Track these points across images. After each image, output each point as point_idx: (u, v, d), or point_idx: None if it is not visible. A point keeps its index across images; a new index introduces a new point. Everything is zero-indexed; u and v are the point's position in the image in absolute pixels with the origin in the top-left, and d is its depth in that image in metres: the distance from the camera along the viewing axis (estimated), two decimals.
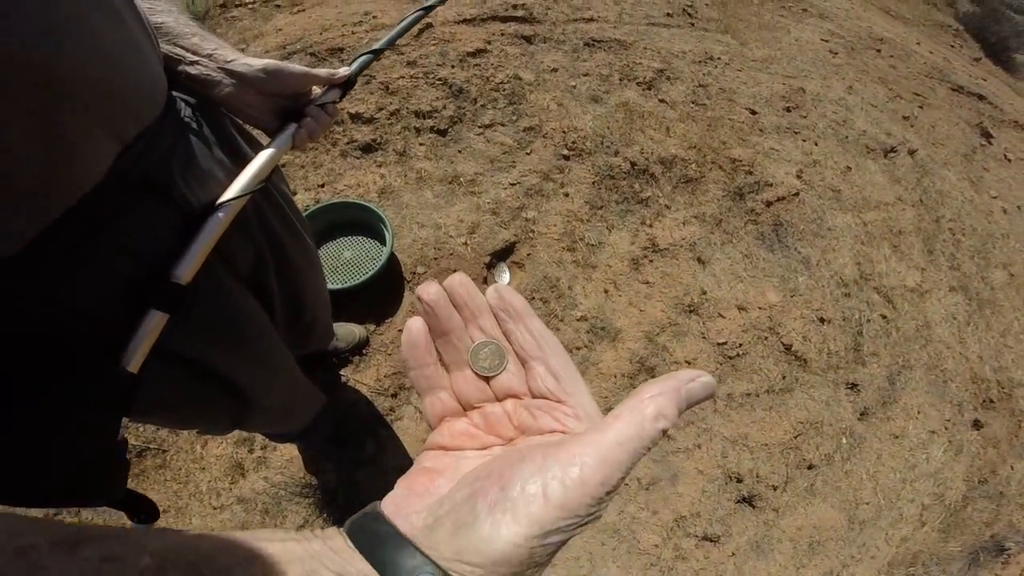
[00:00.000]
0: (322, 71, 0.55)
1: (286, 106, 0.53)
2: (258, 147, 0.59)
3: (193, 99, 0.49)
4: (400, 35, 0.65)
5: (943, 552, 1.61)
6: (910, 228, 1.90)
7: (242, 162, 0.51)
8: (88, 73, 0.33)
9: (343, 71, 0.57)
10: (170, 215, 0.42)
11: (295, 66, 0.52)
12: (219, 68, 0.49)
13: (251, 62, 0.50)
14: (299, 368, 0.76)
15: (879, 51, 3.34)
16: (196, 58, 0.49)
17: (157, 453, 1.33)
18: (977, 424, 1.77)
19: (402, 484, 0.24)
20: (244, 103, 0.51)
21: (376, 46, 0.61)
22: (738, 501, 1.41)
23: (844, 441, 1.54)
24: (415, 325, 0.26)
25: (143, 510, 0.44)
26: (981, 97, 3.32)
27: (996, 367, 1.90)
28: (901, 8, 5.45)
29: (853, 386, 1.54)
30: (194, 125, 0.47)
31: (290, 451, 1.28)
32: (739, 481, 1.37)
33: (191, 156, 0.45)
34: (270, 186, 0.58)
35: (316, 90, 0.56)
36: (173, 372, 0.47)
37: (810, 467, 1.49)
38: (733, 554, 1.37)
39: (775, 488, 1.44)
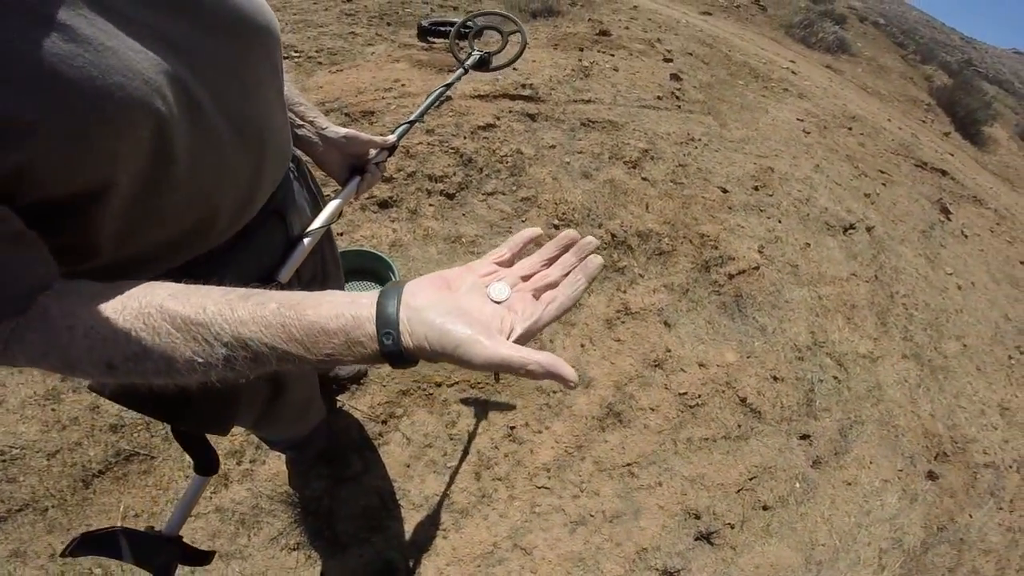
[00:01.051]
0: (379, 138, 0.76)
1: (352, 163, 0.75)
2: (321, 191, 0.82)
3: (296, 153, 0.70)
4: (430, 107, 0.88)
5: None
6: (864, 303, 2.13)
7: (317, 202, 0.74)
8: (275, 137, 0.54)
9: (391, 138, 0.78)
10: (282, 235, 0.63)
11: (365, 135, 0.74)
12: (316, 132, 0.70)
13: (337, 130, 0.71)
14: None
15: (850, 129, 3.69)
16: (302, 123, 0.69)
17: (145, 459, 1.43)
18: (932, 475, 1.91)
19: (430, 277, 0.37)
20: (328, 159, 0.72)
21: (412, 117, 0.84)
22: (697, 538, 1.53)
23: (798, 485, 1.69)
24: (530, 232, 0.42)
25: (212, 460, 0.62)
26: (944, 172, 3.63)
27: (949, 424, 2.07)
28: (878, 84, 5.94)
29: (805, 436, 1.72)
30: (295, 172, 0.69)
31: (277, 466, 1.42)
32: (697, 518, 1.52)
33: (294, 196, 0.66)
34: None
35: (371, 152, 0.77)
36: None
37: (765, 508, 1.62)
38: None
39: (732, 527, 1.57)
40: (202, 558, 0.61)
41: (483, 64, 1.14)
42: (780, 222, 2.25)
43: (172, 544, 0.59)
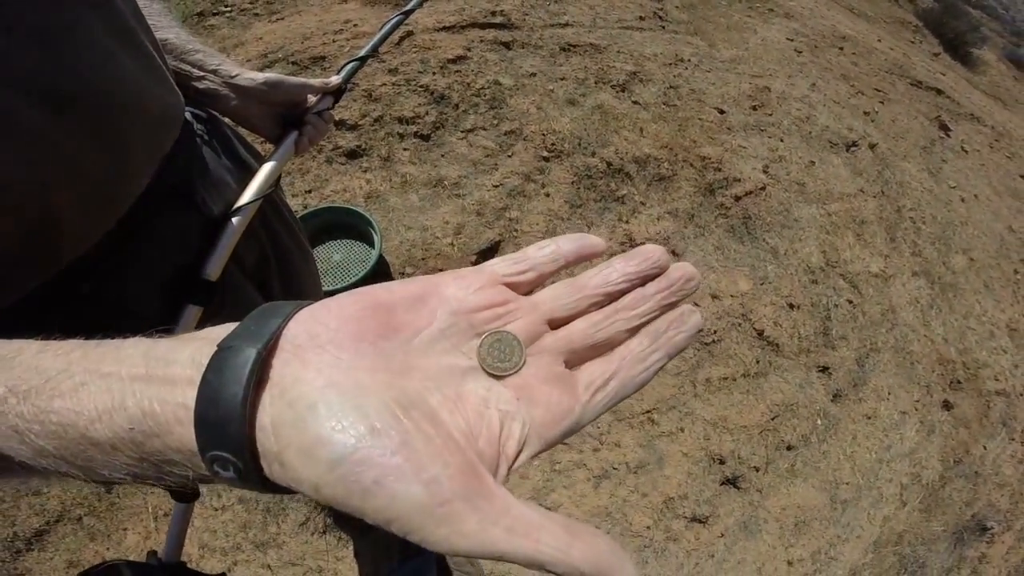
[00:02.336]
0: (316, 80, 0.61)
1: (286, 115, 0.59)
2: (257, 154, 0.66)
3: (203, 112, 0.56)
4: (383, 41, 0.72)
5: (927, 532, 1.70)
6: (872, 218, 2.04)
7: (247, 168, 0.58)
8: (132, 100, 0.40)
9: (335, 79, 0.63)
10: (193, 220, 0.49)
11: (293, 78, 0.59)
12: (224, 83, 0.54)
13: (253, 76, 0.56)
14: None
15: (842, 49, 3.53)
16: (202, 74, 0.54)
17: None
18: (947, 405, 1.89)
19: (356, 301, 0.18)
20: (248, 114, 0.57)
21: (361, 53, 0.68)
22: (723, 483, 1.50)
23: (819, 422, 1.65)
24: (588, 243, 0.23)
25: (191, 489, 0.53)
26: (939, 91, 3.52)
27: (960, 348, 2.04)
28: (864, 6, 5.72)
29: (824, 369, 1.65)
30: (205, 136, 0.54)
31: None
32: (722, 463, 1.47)
33: (205, 165, 0.51)
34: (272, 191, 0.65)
35: (311, 98, 0.61)
36: None
37: (789, 448, 1.59)
38: (722, 535, 1.45)
39: (757, 469, 1.53)
40: None
41: None
42: (782, 141, 2.11)
43: (176, 571, 0.53)
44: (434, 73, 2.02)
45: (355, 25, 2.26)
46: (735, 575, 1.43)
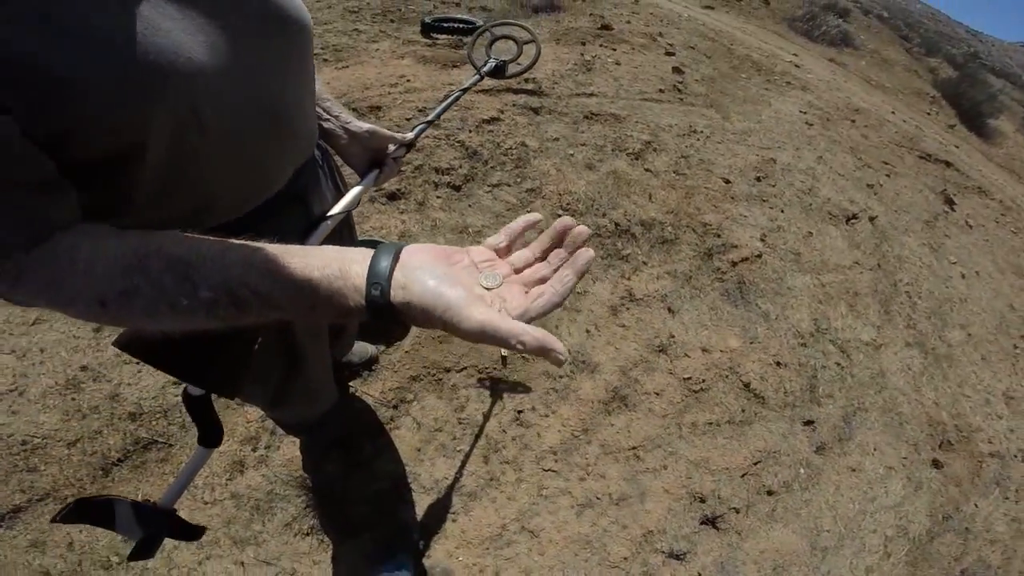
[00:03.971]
0: (398, 135, 0.85)
1: (373, 156, 0.82)
2: (345, 182, 0.89)
3: (321, 143, 0.77)
4: (446, 110, 0.96)
5: None
6: (867, 290, 2.19)
7: (339, 189, 0.81)
8: (303, 125, 0.61)
9: (409, 136, 0.87)
10: (301, 220, 0.69)
11: (385, 130, 0.82)
12: (341, 126, 0.78)
13: (360, 124, 0.79)
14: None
15: (853, 121, 3.75)
16: (328, 117, 0.77)
17: (163, 447, 1.48)
18: (937, 464, 1.95)
19: (429, 246, 0.39)
20: (350, 152, 0.80)
21: (430, 117, 0.93)
22: (703, 522, 1.57)
23: (802, 471, 1.74)
24: (530, 218, 0.44)
25: (217, 433, 0.63)
26: (948, 164, 3.68)
27: (954, 413, 2.11)
28: (882, 77, 5.99)
29: (809, 422, 1.77)
30: (320, 161, 0.76)
31: (292, 451, 1.48)
32: (703, 501, 1.57)
33: (317, 181, 0.73)
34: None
35: (391, 147, 0.85)
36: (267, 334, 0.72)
37: (770, 493, 1.67)
38: (699, 574, 1.51)
39: (737, 511, 1.61)
40: (192, 532, 0.61)
41: (499, 71, 1.22)
42: (783, 211, 2.30)
43: (164, 516, 0.59)
44: (470, 131, 2.31)
45: (408, 80, 2.60)
46: None
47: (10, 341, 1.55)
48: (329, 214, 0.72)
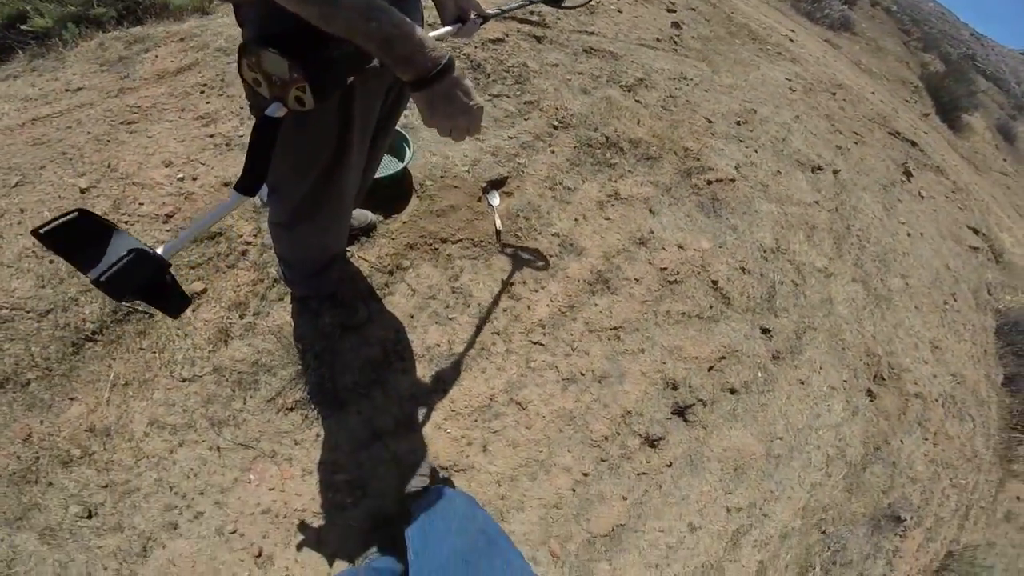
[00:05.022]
0: (481, 6, 1.06)
1: (459, 15, 1.03)
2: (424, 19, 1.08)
3: None
4: (514, 10, 1.17)
5: (848, 512, 1.95)
6: (823, 226, 2.50)
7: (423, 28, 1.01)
8: None
9: (490, 11, 1.08)
10: None
11: None
12: None
13: None
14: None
15: (834, 94, 4.08)
16: None
17: (143, 318, 1.45)
18: (871, 394, 2.23)
19: None
20: (445, 3, 1.01)
21: (504, 9, 1.13)
22: (674, 411, 1.77)
23: (759, 375, 1.98)
24: None
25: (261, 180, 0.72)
26: (914, 144, 4.08)
27: (888, 351, 2.43)
28: (872, 63, 6.41)
29: (766, 331, 2.05)
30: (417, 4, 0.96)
31: (281, 317, 1.51)
32: (675, 388, 1.78)
33: (413, 18, 0.92)
34: None
35: (473, 13, 1.06)
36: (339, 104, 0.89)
37: (732, 391, 1.88)
38: (670, 464, 1.69)
39: (704, 404, 1.82)
40: (176, 298, 0.59)
41: (555, 1, 1.39)
42: (756, 152, 2.58)
43: (155, 266, 0.55)
44: (476, 47, 2.46)
45: None
46: (679, 511, 1.66)
47: None
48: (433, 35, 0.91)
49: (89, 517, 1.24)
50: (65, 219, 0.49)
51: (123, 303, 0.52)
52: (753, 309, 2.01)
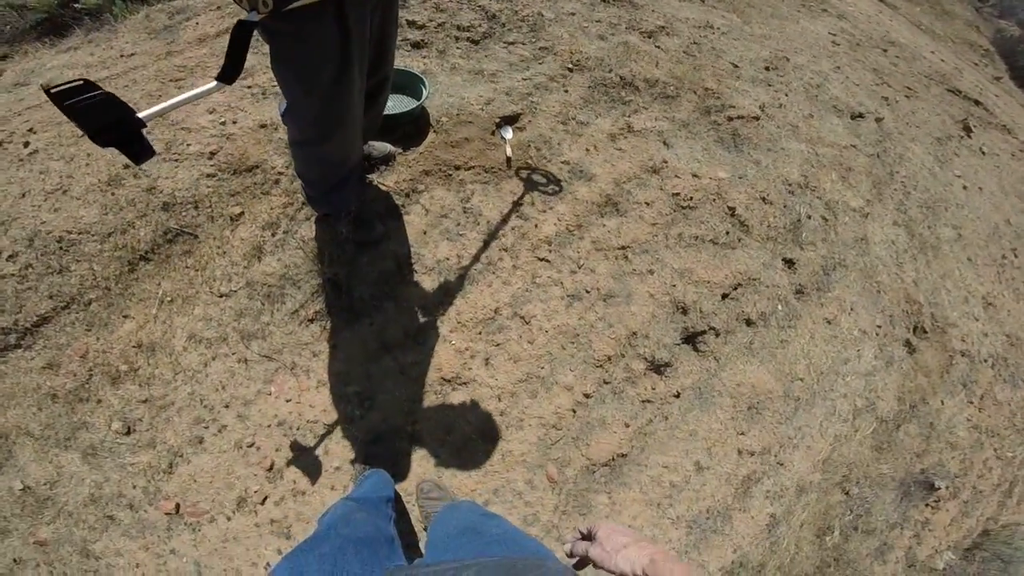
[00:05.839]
0: None
1: None
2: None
3: None
4: None
5: (876, 473, 1.85)
6: (861, 169, 2.41)
7: None
8: None
9: None
10: None
11: None
12: None
13: None
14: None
15: (885, 51, 3.88)
16: None
17: (188, 239, 1.67)
18: (910, 346, 2.10)
19: None
20: None
21: None
22: (684, 339, 1.74)
23: (780, 308, 1.90)
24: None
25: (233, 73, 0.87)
26: (977, 103, 3.81)
27: (932, 301, 2.30)
28: (935, 24, 6.03)
29: (790, 262, 1.97)
30: None
31: (307, 233, 1.68)
32: (684, 312, 1.75)
33: None
34: None
35: None
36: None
37: (748, 323, 1.83)
38: (678, 395, 1.68)
39: (717, 333, 1.77)
40: (143, 150, 0.77)
41: None
42: (786, 95, 2.52)
43: (122, 113, 0.73)
44: None
45: None
46: (685, 447, 1.63)
47: (59, 151, 1.77)
48: None
49: (128, 434, 1.42)
50: (71, 84, 0.67)
51: (100, 146, 0.74)
52: (775, 239, 1.96)
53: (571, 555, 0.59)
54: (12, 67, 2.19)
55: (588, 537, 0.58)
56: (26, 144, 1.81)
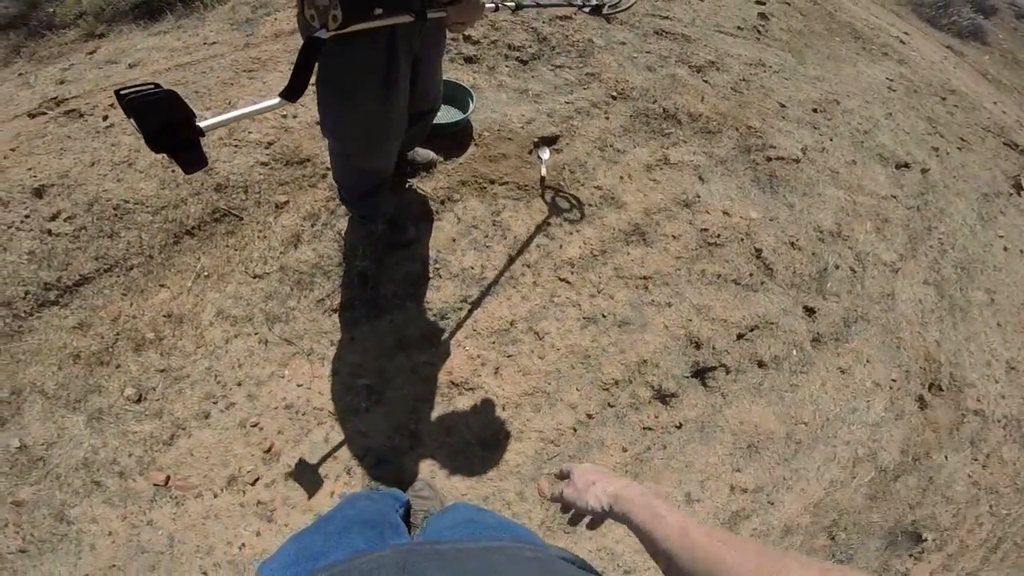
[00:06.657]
0: None
1: None
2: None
3: None
4: (543, 7, 1.39)
5: (865, 520, 1.88)
6: (898, 221, 2.44)
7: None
8: None
9: (511, 3, 1.29)
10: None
11: None
12: None
13: None
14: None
15: (944, 99, 3.86)
16: None
17: (233, 220, 1.79)
18: (922, 401, 2.12)
19: None
20: None
21: (543, 2, 1.34)
22: (694, 373, 1.81)
23: (795, 353, 1.96)
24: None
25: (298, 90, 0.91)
26: None
27: (953, 362, 2.29)
28: (1003, 74, 5.89)
29: (811, 310, 2.04)
30: None
31: (344, 227, 1.79)
32: (697, 347, 1.82)
33: None
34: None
35: None
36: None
37: (760, 364, 1.89)
38: (679, 426, 1.74)
39: (727, 371, 1.83)
40: (196, 158, 0.76)
41: (597, 10, 1.58)
42: (831, 140, 2.58)
43: (182, 114, 0.72)
44: (544, 22, 2.70)
45: None
46: (679, 477, 1.69)
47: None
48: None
49: (138, 401, 1.49)
50: (139, 86, 0.68)
51: (154, 151, 0.74)
52: (798, 286, 2.02)
53: (551, 499, 0.62)
54: (107, 45, 2.45)
55: (563, 477, 0.62)
56: (105, 118, 2.01)
